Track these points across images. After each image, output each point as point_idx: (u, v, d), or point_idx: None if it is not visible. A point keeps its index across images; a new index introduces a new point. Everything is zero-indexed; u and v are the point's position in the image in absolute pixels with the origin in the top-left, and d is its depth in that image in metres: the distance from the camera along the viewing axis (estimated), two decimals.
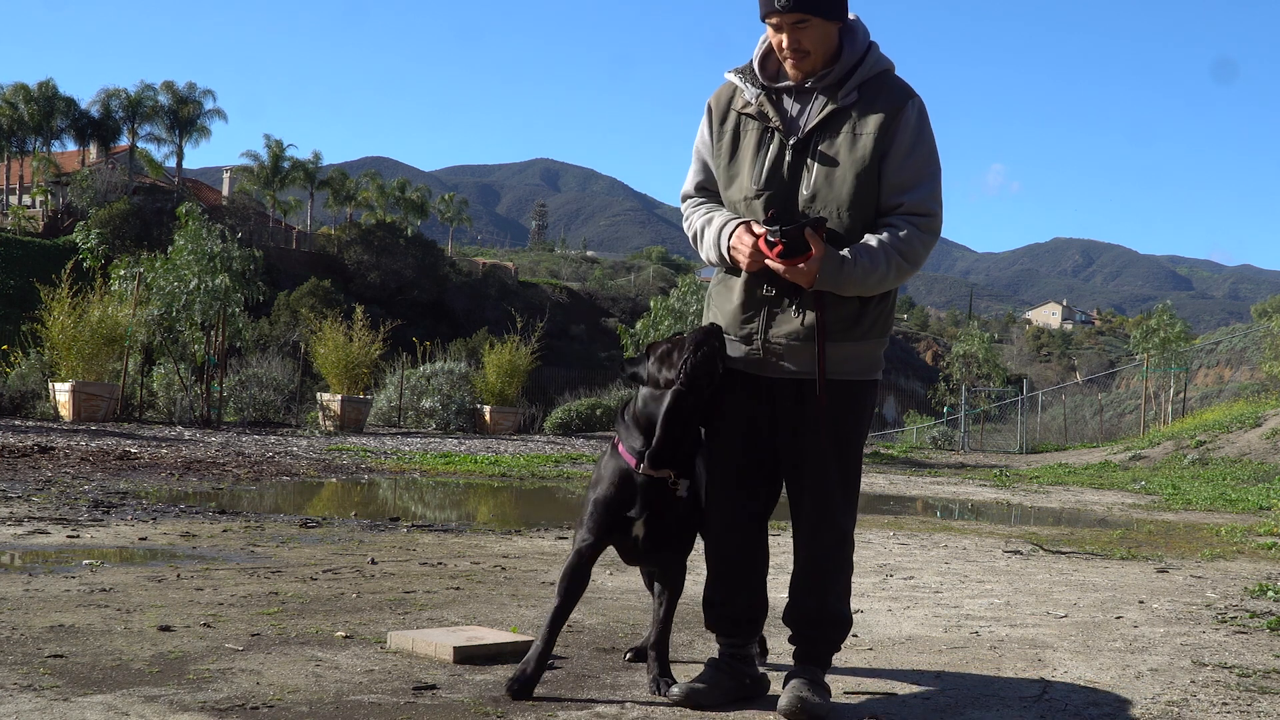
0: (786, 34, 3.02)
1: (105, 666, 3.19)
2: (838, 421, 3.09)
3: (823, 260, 2.92)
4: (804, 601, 3.13)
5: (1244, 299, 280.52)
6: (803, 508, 3.13)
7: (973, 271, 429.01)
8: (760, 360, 3.10)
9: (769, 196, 3.08)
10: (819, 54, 3.05)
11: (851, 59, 3.08)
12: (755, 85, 3.14)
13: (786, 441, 3.12)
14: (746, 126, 3.15)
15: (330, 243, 65.06)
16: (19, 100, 61.90)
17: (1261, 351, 34.06)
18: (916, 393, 64.41)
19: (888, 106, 3.04)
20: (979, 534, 8.34)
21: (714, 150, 3.21)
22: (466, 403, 22.68)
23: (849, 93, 3.05)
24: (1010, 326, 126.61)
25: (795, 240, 2.92)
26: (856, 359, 3.10)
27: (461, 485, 11.11)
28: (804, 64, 3.06)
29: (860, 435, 3.17)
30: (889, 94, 3.06)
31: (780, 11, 2.99)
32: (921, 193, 3.05)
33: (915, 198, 3.04)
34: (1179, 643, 4.18)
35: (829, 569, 3.13)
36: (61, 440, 12.50)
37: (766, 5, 3.03)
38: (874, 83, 3.08)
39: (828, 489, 3.10)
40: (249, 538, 6.20)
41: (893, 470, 18.14)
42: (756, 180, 3.09)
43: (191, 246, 18.16)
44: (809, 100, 3.10)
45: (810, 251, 2.91)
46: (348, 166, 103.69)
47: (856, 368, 3.10)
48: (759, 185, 3.09)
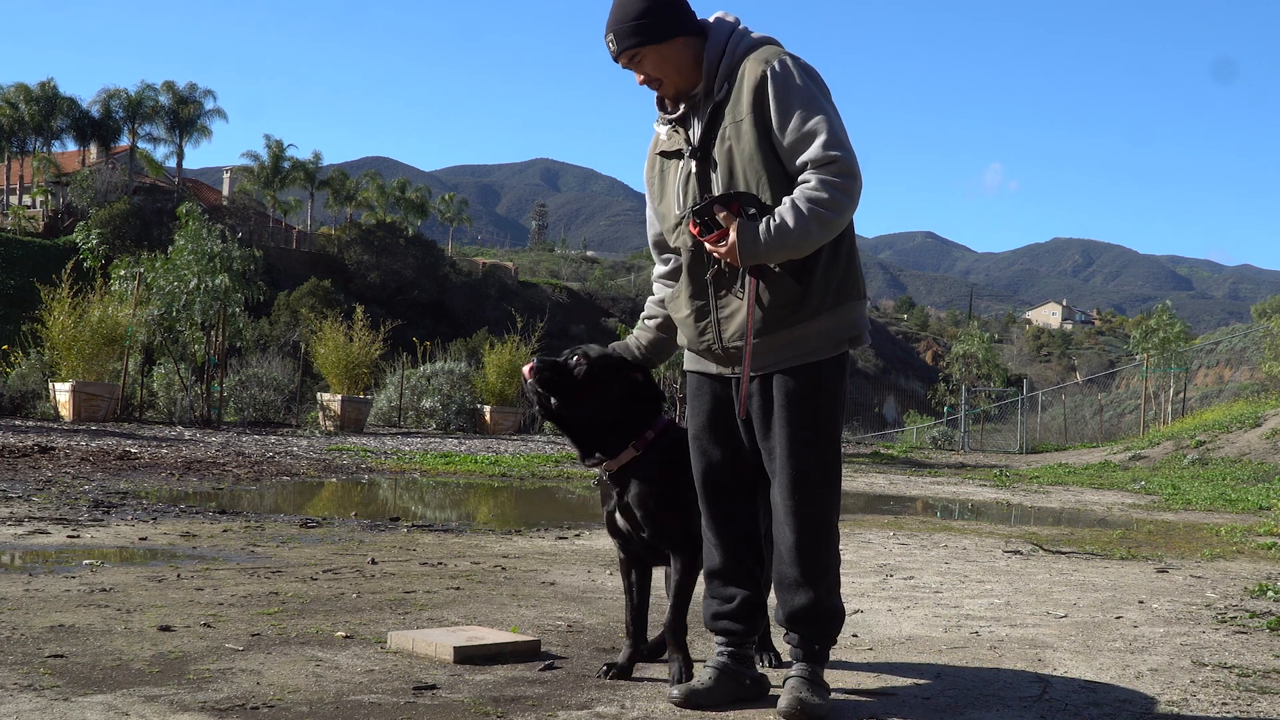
0: (635, 70, 3.09)
1: (105, 666, 3.19)
2: (801, 408, 3.03)
3: (738, 231, 2.92)
4: (794, 599, 3.04)
5: (1244, 299, 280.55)
6: (781, 502, 3.05)
7: (973, 271, 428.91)
8: (724, 365, 3.15)
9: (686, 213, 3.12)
10: (673, 76, 3.08)
11: (713, 59, 3.07)
12: (662, 123, 3.21)
13: (759, 437, 3.11)
14: (666, 164, 3.22)
15: (330, 243, 65.08)
16: (19, 100, 61.90)
17: (1261, 351, 34.06)
18: (916, 393, 64.47)
19: (751, 82, 3.00)
20: (979, 534, 8.34)
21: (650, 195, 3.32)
22: (467, 403, 22.68)
23: (720, 87, 3.06)
24: (1010, 326, 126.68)
25: (706, 216, 2.95)
26: (806, 340, 3.05)
27: (461, 485, 11.11)
28: (665, 90, 3.11)
29: (832, 419, 3.08)
30: (747, 71, 3.03)
31: (615, 56, 3.09)
32: (815, 144, 2.95)
33: (812, 152, 2.95)
34: (1179, 643, 4.18)
35: (815, 564, 3.03)
36: (62, 440, 12.50)
37: (612, 54, 3.11)
38: (735, 64, 3.06)
39: (804, 480, 3.02)
40: (249, 538, 6.20)
41: (893, 470, 18.14)
42: (678, 203, 3.15)
43: (191, 246, 18.16)
44: (697, 113, 3.13)
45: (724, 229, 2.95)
46: (348, 166, 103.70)
47: (810, 347, 3.05)
48: (681, 209, 3.14)
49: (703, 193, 3.07)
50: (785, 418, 3.03)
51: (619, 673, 3.30)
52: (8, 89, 62.28)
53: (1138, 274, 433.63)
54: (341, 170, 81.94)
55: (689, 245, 3.11)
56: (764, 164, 2.99)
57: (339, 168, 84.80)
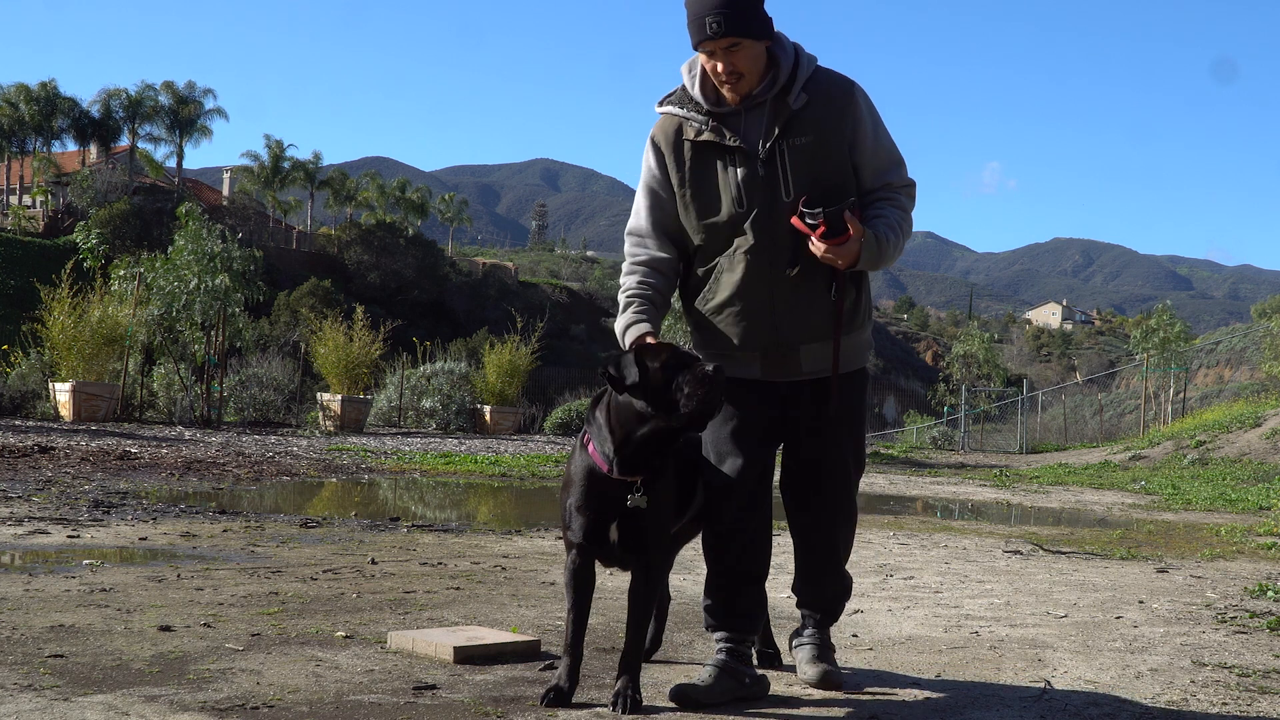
0: (721, 59, 3.10)
1: (105, 666, 3.19)
2: (852, 410, 3.32)
3: (866, 238, 3.10)
4: (823, 579, 3.39)
5: (1244, 299, 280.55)
6: (821, 495, 3.31)
7: (973, 271, 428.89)
8: (778, 368, 3.24)
9: (755, 216, 3.15)
10: (753, 74, 3.14)
11: (788, 66, 3.17)
12: (700, 113, 3.20)
13: (805, 437, 3.29)
14: (704, 154, 3.20)
15: (330, 243, 65.07)
16: (19, 100, 61.88)
17: (1261, 351, 34.05)
18: (916, 393, 64.44)
19: (838, 100, 3.18)
20: (979, 534, 8.34)
21: (672, 184, 3.25)
22: (466, 403, 22.68)
23: (798, 96, 3.16)
24: (1010, 326, 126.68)
25: (836, 221, 3.05)
26: (856, 348, 3.32)
27: (461, 485, 11.11)
28: (740, 86, 3.14)
29: (864, 423, 3.43)
30: (835, 89, 3.20)
31: (712, 37, 3.05)
32: (901, 168, 3.26)
33: (898, 174, 3.25)
34: (1179, 643, 4.18)
35: (843, 549, 3.40)
36: (62, 440, 12.50)
37: (699, 34, 3.08)
38: (814, 81, 3.19)
39: (846, 476, 3.33)
40: (249, 538, 6.20)
41: (893, 470, 18.14)
42: (737, 202, 3.16)
43: (191, 246, 18.16)
44: (761, 114, 3.17)
45: (849, 232, 3.05)
46: (348, 166, 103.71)
47: (858, 354, 3.33)
48: (741, 207, 3.16)
49: (769, 192, 3.13)
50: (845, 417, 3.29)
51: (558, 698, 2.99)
52: (8, 89, 62.24)
53: (1138, 274, 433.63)
54: (341, 170, 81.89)
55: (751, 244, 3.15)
56: (839, 174, 3.18)
57: (339, 168, 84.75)
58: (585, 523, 3.04)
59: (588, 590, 3.08)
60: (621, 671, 3.02)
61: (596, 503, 3.03)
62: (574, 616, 3.05)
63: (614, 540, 3.04)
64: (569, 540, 3.09)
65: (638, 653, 3.04)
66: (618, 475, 2.98)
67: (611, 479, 3.00)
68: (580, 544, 3.05)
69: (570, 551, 3.09)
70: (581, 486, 3.05)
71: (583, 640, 3.07)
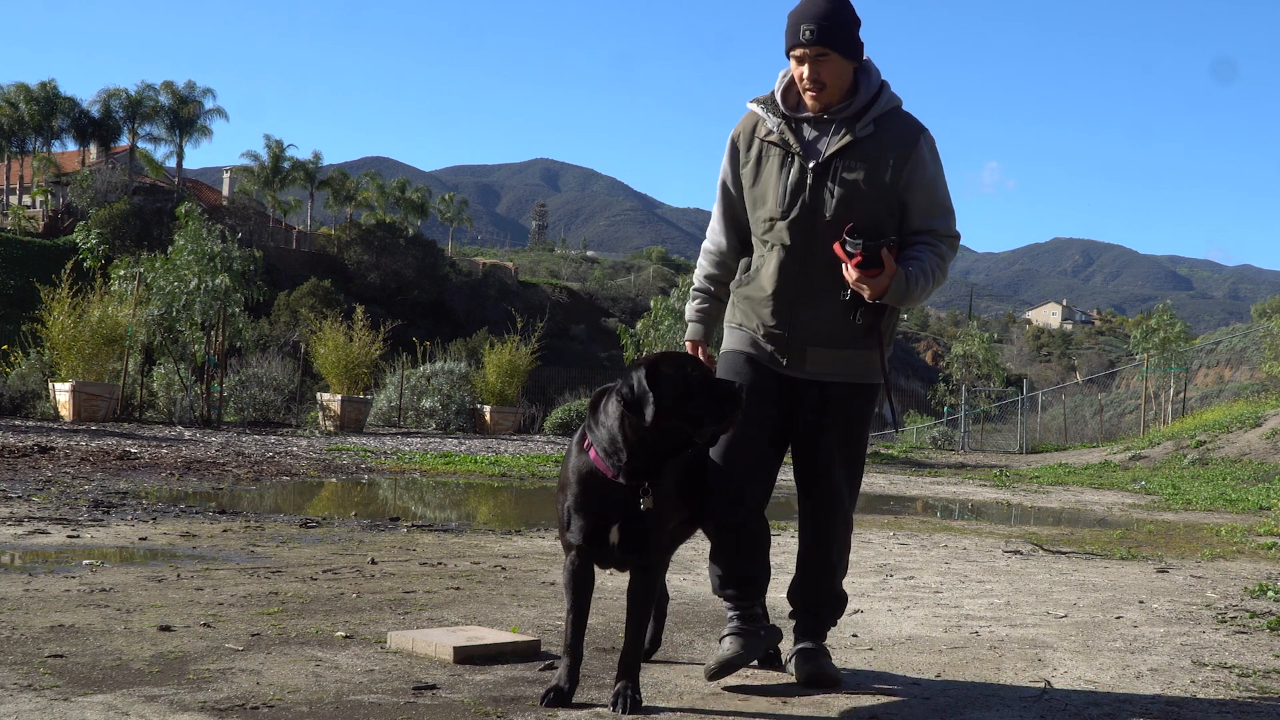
0: (808, 66, 3.29)
1: (105, 666, 3.19)
2: (854, 420, 3.46)
3: (897, 277, 3.25)
4: (816, 582, 3.48)
5: (1244, 299, 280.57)
6: (815, 498, 3.46)
7: (973, 271, 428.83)
8: (789, 361, 3.41)
9: (793, 219, 3.34)
10: (835, 88, 3.33)
11: (867, 95, 3.36)
12: (776, 114, 3.40)
13: (806, 437, 3.44)
14: (769, 153, 3.41)
15: (330, 243, 65.07)
16: (19, 100, 61.87)
17: (1261, 351, 34.06)
18: (916, 393, 64.39)
19: (904, 141, 3.35)
20: (979, 534, 8.34)
21: (739, 176, 3.49)
22: (466, 403, 22.68)
23: (866, 125, 3.34)
24: (1010, 326, 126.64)
25: (873, 255, 3.21)
26: (871, 363, 3.45)
27: (461, 485, 11.11)
28: (821, 96, 3.33)
29: (868, 432, 3.56)
30: (903, 129, 3.37)
31: (804, 44, 3.27)
32: (949, 218, 3.43)
33: (945, 223, 3.42)
34: (1179, 643, 4.18)
35: (837, 553, 3.48)
36: (61, 440, 12.50)
37: (792, 38, 3.30)
38: (888, 118, 3.36)
39: (838, 481, 3.44)
40: (249, 538, 6.20)
41: (893, 470, 18.14)
42: (780, 202, 3.37)
43: (191, 246, 18.15)
44: (828, 130, 3.36)
45: (883, 268, 3.22)
46: (348, 166, 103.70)
47: (873, 370, 3.46)
48: (782, 207, 3.36)
49: (812, 203, 3.33)
50: (847, 425, 3.43)
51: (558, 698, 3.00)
52: (8, 89, 62.23)
53: (1138, 274, 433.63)
54: (341, 170, 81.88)
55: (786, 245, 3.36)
56: (877, 211, 3.33)
57: (339, 168, 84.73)
58: (586, 525, 3.04)
59: (587, 591, 3.08)
60: (621, 672, 3.02)
61: (598, 506, 3.03)
62: (574, 617, 3.05)
63: (614, 542, 3.04)
64: (568, 542, 3.09)
65: (637, 653, 3.05)
66: (625, 481, 2.99)
67: (616, 483, 3.00)
68: (580, 546, 3.05)
69: (569, 553, 3.09)
70: (582, 489, 3.04)
71: (583, 641, 3.07)
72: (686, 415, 2.98)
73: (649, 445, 2.98)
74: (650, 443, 2.98)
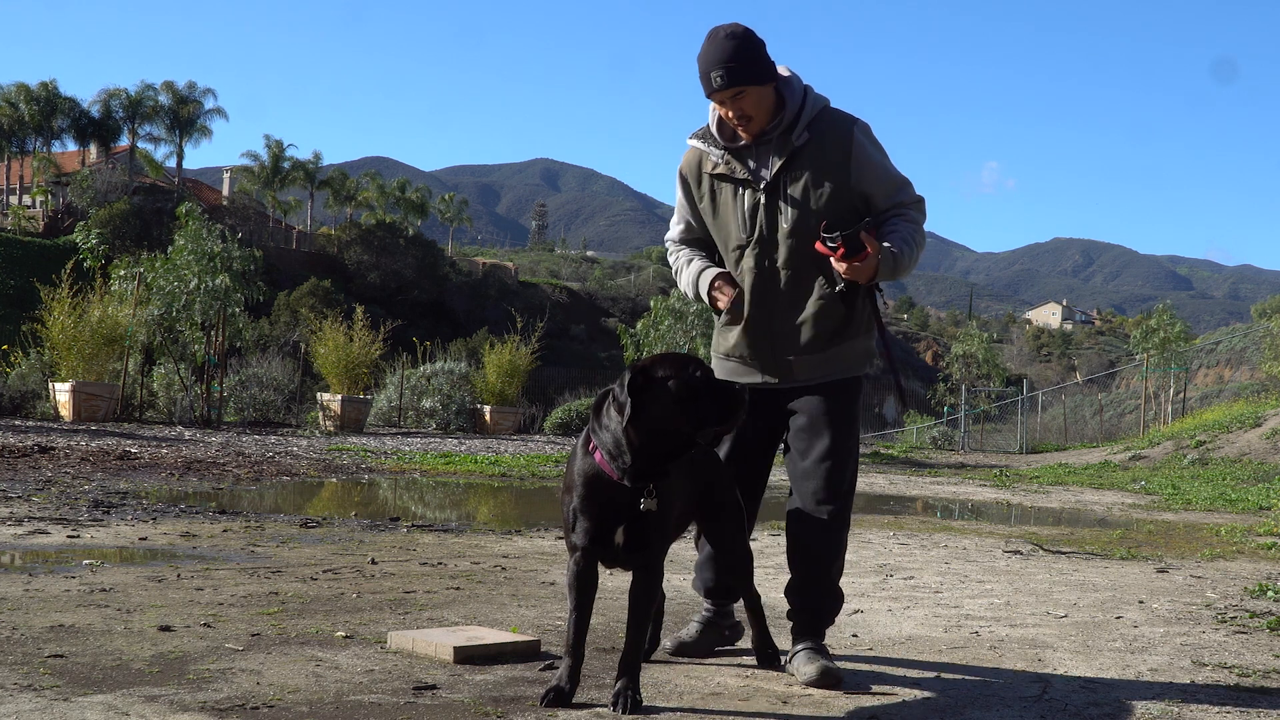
0: (730, 106, 3.46)
1: (105, 666, 3.19)
2: (844, 416, 3.56)
3: (884, 253, 3.41)
4: (814, 581, 3.55)
5: (1244, 299, 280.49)
6: (811, 495, 3.53)
7: (973, 271, 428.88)
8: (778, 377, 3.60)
9: (755, 243, 3.54)
10: (761, 114, 3.49)
11: (794, 107, 3.52)
12: (717, 148, 3.59)
13: (799, 439, 3.56)
14: (720, 187, 3.61)
15: (330, 243, 65.07)
16: (19, 100, 61.87)
17: (1261, 351, 34.04)
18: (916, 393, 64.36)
19: (841, 138, 3.51)
20: (979, 534, 8.34)
21: (697, 211, 3.70)
22: (466, 403, 22.68)
23: (800, 134, 3.51)
24: (1010, 326, 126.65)
25: (853, 242, 3.35)
26: (859, 354, 3.62)
27: (461, 485, 11.11)
28: (751, 126, 3.50)
29: (858, 428, 3.66)
30: (837, 127, 3.53)
31: (718, 90, 3.43)
32: (908, 187, 3.59)
33: (905, 194, 3.58)
34: (1179, 643, 4.18)
35: (832, 550, 3.55)
36: (61, 440, 12.50)
37: (707, 87, 3.46)
38: (819, 121, 3.53)
39: (841, 481, 3.53)
40: (249, 538, 6.20)
41: (893, 470, 18.14)
42: (743, 229, 3.57)
43: (191, 246, 18.15)
44: (768, 151, 3.55)
45: (866, 250, 3.35)
46: (348, 166, 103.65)
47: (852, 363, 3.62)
48: (747, 234, 3.56)
49: (770, 224, 3.52)
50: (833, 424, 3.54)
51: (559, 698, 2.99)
52: (8, 89, 62.24)
53: (1138, 274, 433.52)
54: (341, 170, 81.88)
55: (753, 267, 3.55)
56: (844, 203, 3.52)
57: (339, 168, 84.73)
58: (591, 527, 3.04)
59: (591, 592, 3.08)
60: (622, 671, 3.02)
61: (602, 508, 3.03)
62: (576, 618, 3.05)
63: (618, 543, 3.05)
64: (573, 543, 3.09)
65: (638, 652, 3.04)
66: (629, 483, 3.00)
67: (620, 485, 3.01)
68: (585, 547, 3.06)
69: (574, 554, 3.08)
70: (588, 492, 3.04)
71: (584, 641, 3.06)
72: (687, 416, 2.97)
73: (650, 447, 2.98)
74: (651, 445, 2.98)
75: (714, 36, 3.45)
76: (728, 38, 3.42)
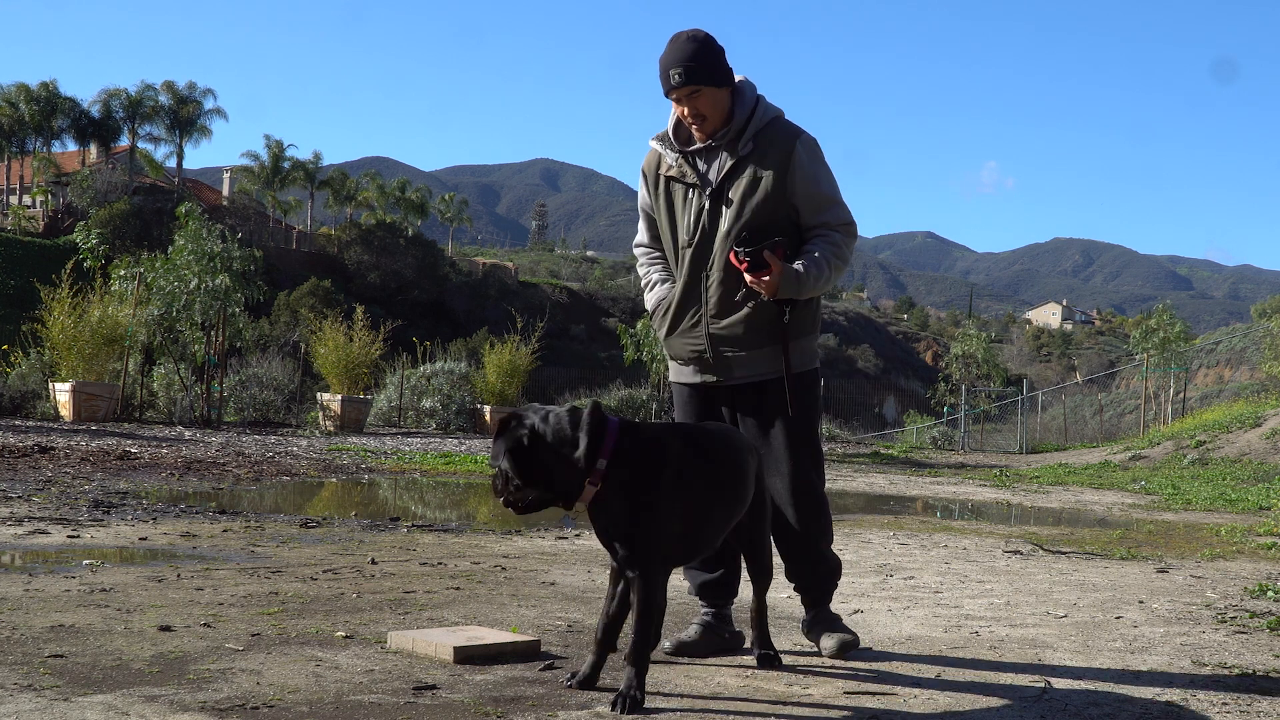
0: (686, 104, 3.64)
1: (105, 666, 3.19)
2: (802, 405, 3.75)
3: (783, 273, 3.57)
4: (805, 558, 3.77)
5: (1244, 299, 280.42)
6: (782, 486, 3.72)
7: (973, 271, 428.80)
8: (716, 373, 3.76)
9: (694, 245, 3.72)
10: (715, 116, 3.66)
11: (743, 115, 3.69)
12: (673, 150, 3.77)
13: (760, 433, 3.74)
14: (673, 188, 3.79)
15: (330, 243, 65.07)
16: (19, 100, 61.85)
17: (1261, 351, 34.04)
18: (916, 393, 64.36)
19: (780, 150, 3.67)
20: (979, 534, 8.34)
21: (654, 209, 3.87)
22: (467, 403, 22.67)
23: (745, 144, 3.68)
24: (1010, 326, 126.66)
25: (756, 258, 3.55)
26: (804, 353, 3.79)
27: (461, 485, 11.10)
28: (705, 126, 3.68)
29: (817, 414, 3.85)
30: (779, 139, 3.68)
31: (676, 87, 3.61)
32: (837, 209, 3.74)
33: (834, 214, 3.73)
34: (1179, 643, 4.18)
35: (816, 530, 3.76)
36: (61, 440, 12.50)
37: (665, 83, 3.64)
38: (766, 131, 3.69)
39: (801, 465, 3.73)
40: (249, 538, 6.20)
41: (893, 470, 18.14)
42: (687, 231, 3.75)
43: (191, 246, 18.15)
44: (716, 156, 3.73)
45: (770, 268, 3.54)
46: (348, 166, 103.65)
47: (807, 359, 3.81)
48: (689, 235, 3.74)
49: (712, 227, 3.69)
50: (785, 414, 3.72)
51: (582, 682, 3.16)
52: (8, 89, 62.21)
53: (1138, 274, 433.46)
54: (341, 170, 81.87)
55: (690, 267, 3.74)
56: (780, 213, 3.67)
57: (339, 168, 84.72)
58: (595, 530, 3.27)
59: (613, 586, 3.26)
60: (629, 660, 3.02)
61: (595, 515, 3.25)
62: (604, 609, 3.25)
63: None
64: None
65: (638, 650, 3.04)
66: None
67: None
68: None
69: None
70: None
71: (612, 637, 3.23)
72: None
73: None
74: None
75: (676, 39, 3.65)
76: (689, 40, 3.62)
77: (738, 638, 3.82)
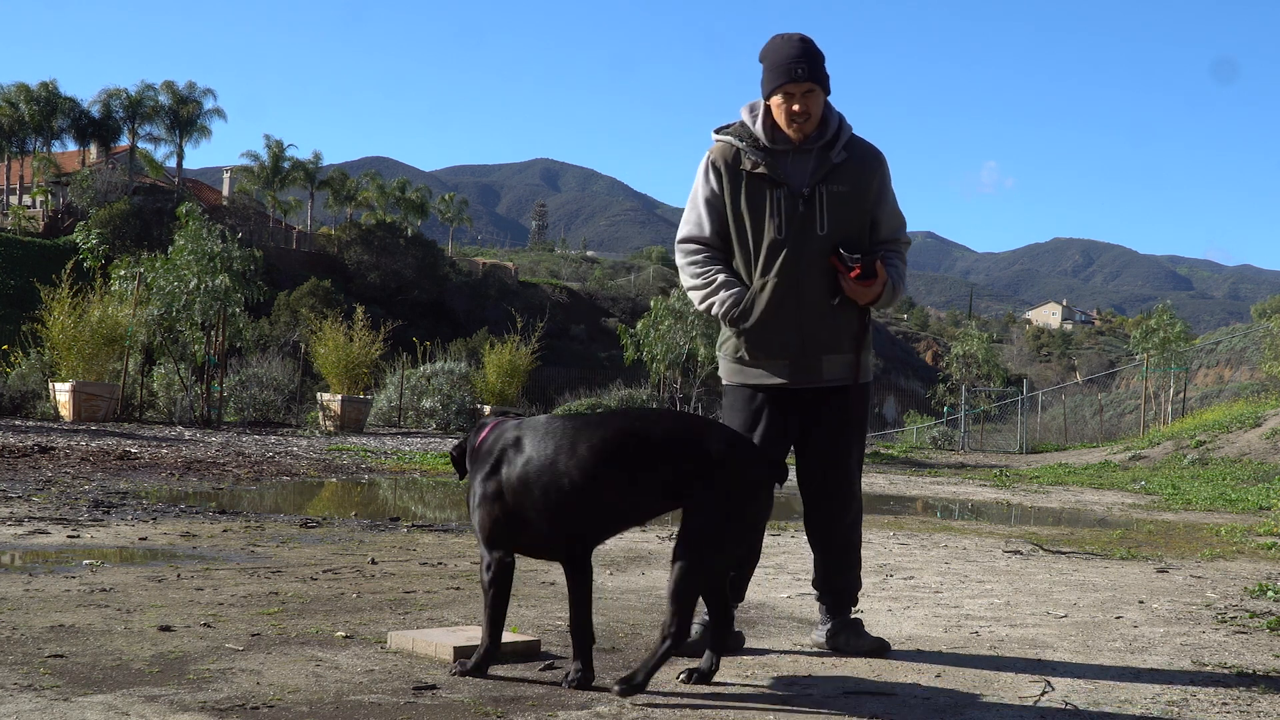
0: (799, 101, 3.71)
1: (105, 666, 3.19)
2: (862, 417, 3.89)
3: (887, 284, 3.78)
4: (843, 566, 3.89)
5: (1244, 299, 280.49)
6: (828, 492, 3.84)
7: (973, 271, 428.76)
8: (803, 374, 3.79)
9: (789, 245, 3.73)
10: (815, 119, 3.77)
11: (834, 124, 3.82)
12: (758, 149, 3.78)
13: (820, 440, 3.83)
14: (758, 185, 3.77)
15: (330, 243, 65.08)
16: (19, 100, 61.85)
17: (1261, 351, 34.03)
18: (916, 393, 64.42)
19: (873, 165, 3.84)
20: (979, 534, 8.34)
21: (731, 206, 3.81)
22: (467, 403, 22.67)
23: (840, 152, 3.79)
24: (1010, 326, 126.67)
25: (869, 267, 3.71)
26: (869, 365, 3.91)
27: (461, 485, 11.09)
28: (806, 126, 3.76)
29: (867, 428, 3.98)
30: (869, 154, 3.85)
31: (798, 80, 3.69)
32: (904, 228, 3.97)
33: (903, 232, 3.97)
34: (1179, 643, 4.18)
35: (858, 537, 3.92)
36: (62, 440, 12.50)
37: (785, 76, 3.69)
38: (852, 144, 3.83)
39: (851, 475, 3.86)
40: (249, 538, 6.20)
41: (893, 470, 18.14)
42: (778, 230, 3.75)
43: (192, 246, 18.14)
44: (807, 159, 3.78)
45: (877, 277, 3.72)
46: (348, 166, 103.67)
47: (869, 371, 3.93)
48: (781, 234, 3.75)
49: (805, 227, 3.73)
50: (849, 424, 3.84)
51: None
52: (8, 89, 62.20)
53: (1138, 274, 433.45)
54: (341, 170, 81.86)
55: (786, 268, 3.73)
56: (859, 226, 3.82)
57: (339, 168, 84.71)
58: None
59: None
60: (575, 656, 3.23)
61: None
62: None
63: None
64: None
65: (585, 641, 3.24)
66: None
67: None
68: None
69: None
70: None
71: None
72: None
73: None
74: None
75: (789, 38, 3.75)
76: (804, 40, 3.74)
77: (739, 638, 3.84)
